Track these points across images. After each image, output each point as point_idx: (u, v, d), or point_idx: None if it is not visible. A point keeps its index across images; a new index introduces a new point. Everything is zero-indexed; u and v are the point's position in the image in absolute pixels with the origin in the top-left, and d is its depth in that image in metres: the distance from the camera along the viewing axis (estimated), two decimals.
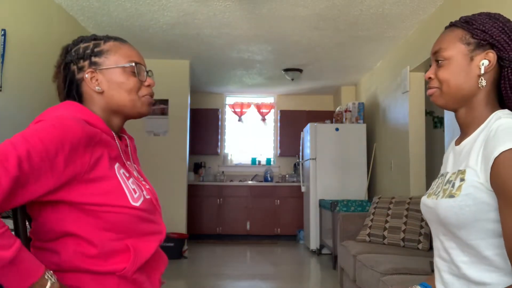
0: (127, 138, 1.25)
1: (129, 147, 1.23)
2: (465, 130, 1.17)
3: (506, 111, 1.11)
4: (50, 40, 3.66)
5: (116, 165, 1.10)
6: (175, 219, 5.57)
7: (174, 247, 5.16)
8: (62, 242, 1.02)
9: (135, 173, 1.17)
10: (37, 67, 3.45)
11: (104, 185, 1.03)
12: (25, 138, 0.92)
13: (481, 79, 1.10)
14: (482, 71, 1.10)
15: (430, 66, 1.19)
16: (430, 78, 1.17)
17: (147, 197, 1.14)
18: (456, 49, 1.12)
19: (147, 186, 1.20)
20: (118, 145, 1.14)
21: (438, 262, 1.19)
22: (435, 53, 1.16)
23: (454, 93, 1.13)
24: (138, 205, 1.07)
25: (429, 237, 3.28)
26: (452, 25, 1.17)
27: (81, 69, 1.15)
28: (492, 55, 1.09)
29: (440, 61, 1.14)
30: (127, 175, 1.12)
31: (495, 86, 1.13)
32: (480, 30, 1.10)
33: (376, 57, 5.36)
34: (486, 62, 1.10)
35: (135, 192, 1.09)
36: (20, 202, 0.92)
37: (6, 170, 0.86)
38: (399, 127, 4.80)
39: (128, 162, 1.18)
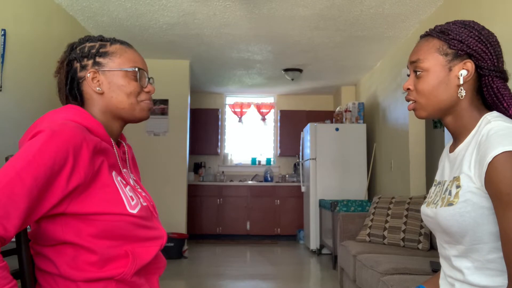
0: (125, 145, 1.25)
1: (127, 154, 1.23)
2: (457, 137, 1.17)
3: (495, 113, 1.10)
4: (50, 40, 3.66)
5: (113, 173, 1.10)
6: (175, 219, 5.57)
7: (174, 247, 5.15)
8: (61, 249, 1.02)
9: (131, 182, 1.17)
10: (37, 67, 3.45)
11: (104, 193, 1.03)
12: (21, 178, 0.90)
13: (461, 89, 1.10)
14: (461, 82, 1.09)
15: (409, 75, 1.18)
16: (408, 89, 1.16)
17: (144, 204, 1.14)
18: (434, 60, 1.11)
19: (143, 194, 1.20)
20: (116, 152, 1.14)
21: (444, 268, 1.19)
22: (413, 63, 1.15)
23: (435, 104, 1.12)
24: (135, 212, 1.07)
25: (429, 237, 3.28)
26: (428, 34, 1.16)
27: (84, 67, 1.14)
28: (470, 64, 1.09)
29: (418, 72, 1.13)
30: (124, 182, 1.12)
31: (477, 92, 1.13)
32: (457, 40, 1.09)
33: (376, 57, 5.35)
34: (464, 72, 1.09)
35: (132, 200, 1.09)
36: (28, 224, 0.95)
37: (9, 223, 0.89)
38: (399, 127, 4.80)
39: (125, 170, 1.18)
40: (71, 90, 1.16)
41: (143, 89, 1.19)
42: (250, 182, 7.08)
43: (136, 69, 1.16)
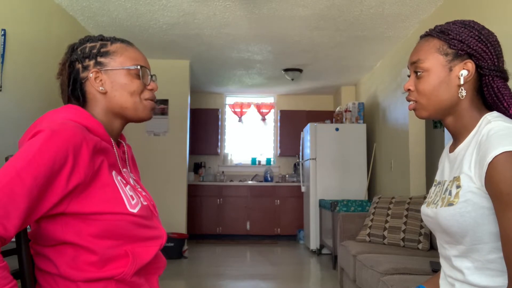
0: (125, 145, 1.24)
1: (126, 154, 1.23)
2: (457, 137, 1.17)
3: (495, 113, 1.10)
4: (50, 40, 3.66)
5: (113, 172, 1.09)
6: (175, 219, 5.57)
7: (174, 247, 5.16)
8: (61, 250, 1.02)
9: (131, 181, 1.17)
10: (37, 67, 3.45)
11: (104, 192, 1.03)
12: (21, 178, 0.90)
13: (461, 89, 1.10)
14: (462, 82, 1.09)
15: (409, 76, 1.18)
16: (409, 89, 1.16)
17: (144, 203, 1.14)
18: (435, 60, 1.11)
19: (144, 193, 1.20)
20: (116, 152, 1.14)
21: (444, 268, 1.19)
22: (413, 63, 1.15)
23: (436, 105, 1.12)
24: (135, 211, 1.07)
25: (429, 237, 3.28)
26: (428, 34, 1.16)
27: (86, 68, 1.14)
28: (470, 64, 1.09)
29: (419, 73, 1.13)
30: (124, 182, 1.12)
31: (478, 91, 1.13)
32: (457, 40, 1.09)
33: (376, 57, 5.35)
34: (465, 72, 1.09)
35: (133, 199, 1.09)
36: (28, 224, 0.95)
37: (9, 223, 0.89)
38: (399, 127, 4.80)
39: (125, 169, 1.18)
40: (74, 91, 1.16)
41: (146, 87, 1.18)
42: (250, 182, 7.08)
43: (138, 66, 1.16)
